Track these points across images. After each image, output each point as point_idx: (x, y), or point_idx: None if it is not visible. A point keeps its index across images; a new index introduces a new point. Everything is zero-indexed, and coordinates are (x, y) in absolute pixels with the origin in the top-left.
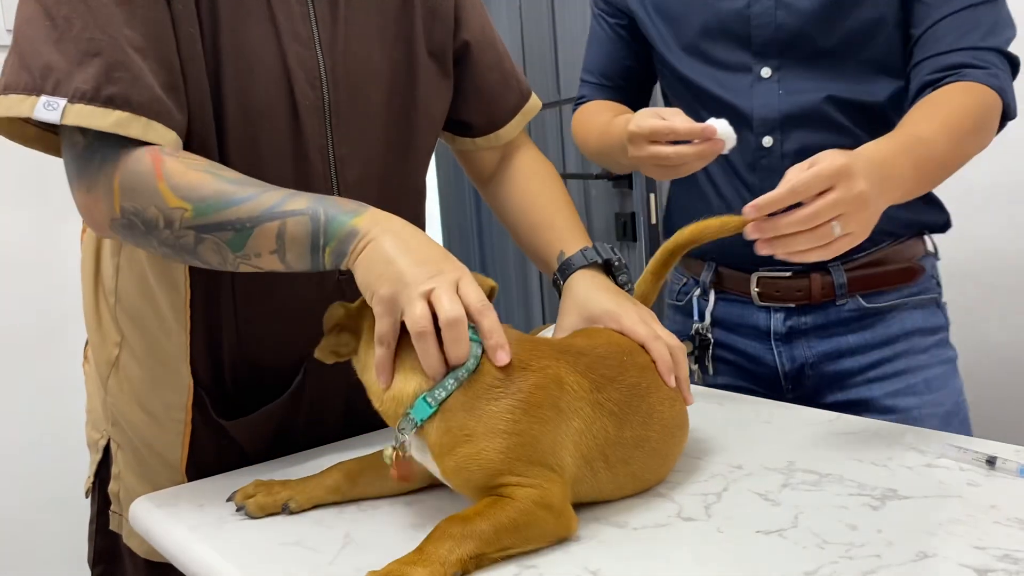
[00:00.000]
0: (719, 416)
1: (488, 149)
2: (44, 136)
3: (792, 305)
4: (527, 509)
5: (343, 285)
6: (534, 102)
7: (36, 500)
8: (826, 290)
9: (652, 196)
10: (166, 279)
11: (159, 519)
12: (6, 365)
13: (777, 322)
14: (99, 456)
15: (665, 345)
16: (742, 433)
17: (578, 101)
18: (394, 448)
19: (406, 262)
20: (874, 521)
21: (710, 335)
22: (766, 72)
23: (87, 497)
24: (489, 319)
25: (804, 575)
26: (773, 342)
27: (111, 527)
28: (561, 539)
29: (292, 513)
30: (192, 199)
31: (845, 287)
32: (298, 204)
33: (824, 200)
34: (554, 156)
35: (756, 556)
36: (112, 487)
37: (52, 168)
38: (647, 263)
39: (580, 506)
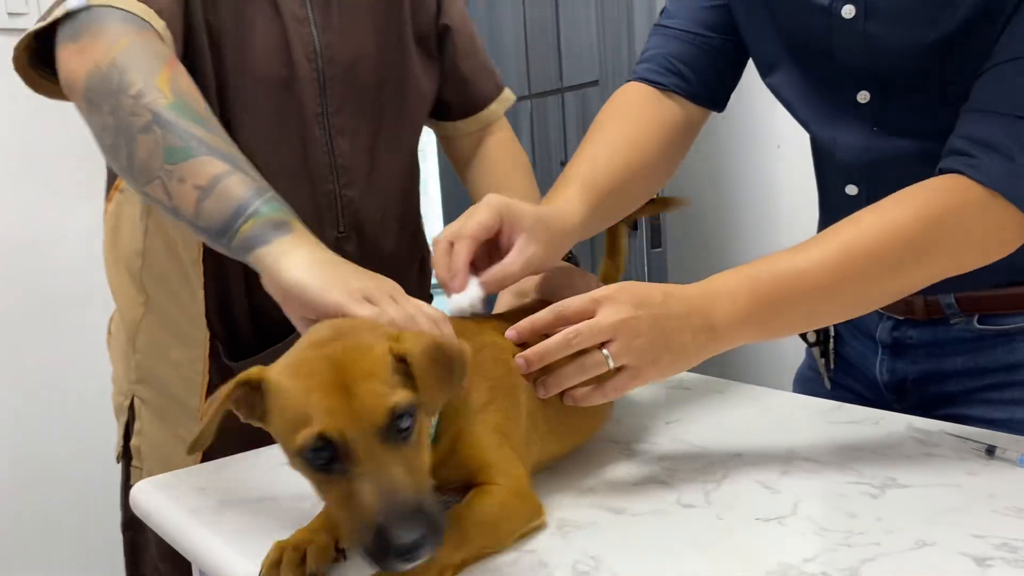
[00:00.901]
0: (718, 404)
1: (468, 135)
2: (49, 87)
3: (900, 317)
4: (506, 502)
5: (340, 242)
6: (508, 94)
7: (28, 487)
8: (931, 308)
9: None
10: (189, 237)
11: (160, 502)
12: None
13: (884, 330)
14: (126, 417)
15: None
16: (742, 421)
17: (640, 59)
18: None
19: (351, 270)
20: (873, 509)
21: (832, 327)
22: (863, 97)
23: (118, 462)
24: (449, 327)
25: (803, 562)
26: (879, 349)
27: (131, 482)
28: (536, 528)
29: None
30: (178, 97)
31: (954, 307)
32: (255, 174)
33: (584, 323)
34: (555, 143)
35: (755, 543)
36: (134, 442)
37: (40, 148)
38: (646, 251)
39: (578, 492)
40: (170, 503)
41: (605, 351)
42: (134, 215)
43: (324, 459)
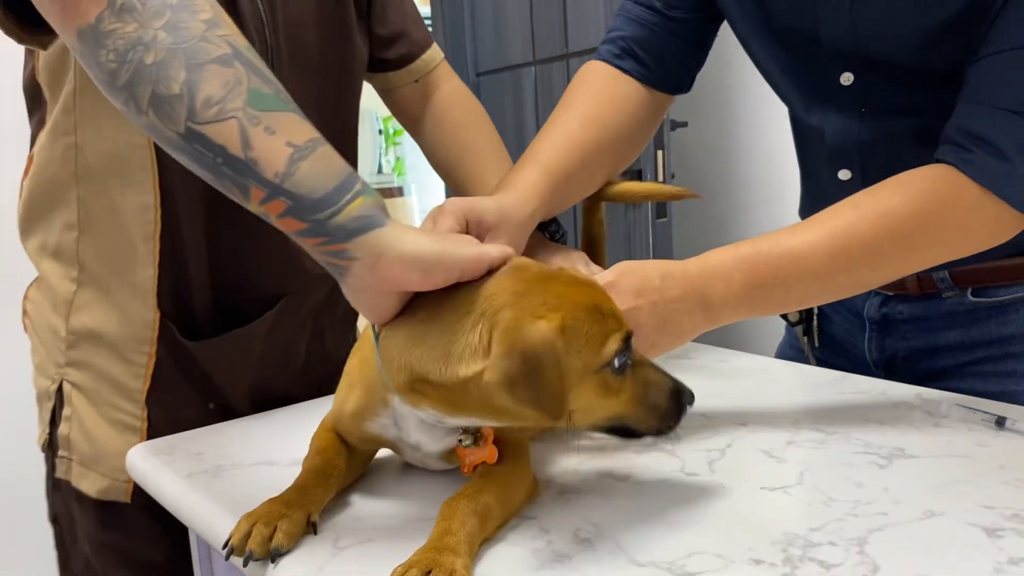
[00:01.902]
0: (724, 374)
1: (407, 86)
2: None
3: (890, 293)
4: (522, 475)
5: None
6: (437, 48)
7: None
8: (924, 283)
9: (660, 152)
10: (138, 208)
11: (155, 466)
12: None
13: (872, 307)
14: (51, 403)
15: None
16: (747, 391)
17: (604, 39)
18: (471, 442)
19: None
20: (881, 479)
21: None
22: (847, 79)
23: (43, 452)
24: None
25: (809, 531)
26: (867, 327)
27: (58, 474)
28: (535, 494)
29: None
30: (249, 46)
31: (947, 281)
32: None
33: None
34: None
35: (760, 512)
36: (62, 430)
37: None
38: (651, 222)
39: (580, 458)
40: (166, 467)
41: None
42: (62, 182)
43: (622, 361)
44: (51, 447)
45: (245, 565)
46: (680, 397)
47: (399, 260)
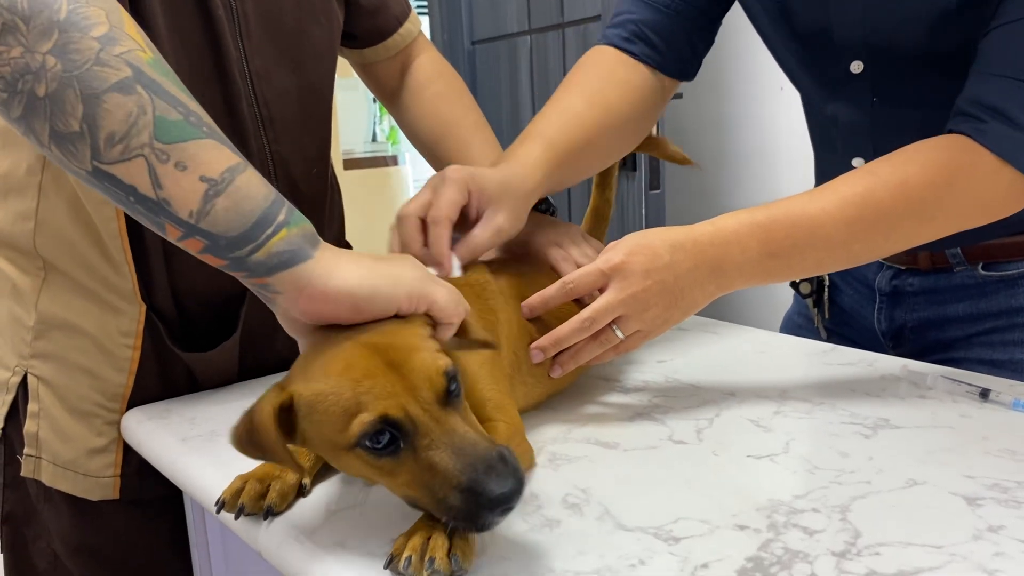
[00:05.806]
0: (713, 345)
1: (383, 61)
2: None
3: (901, 267)
4: (513, 443)
5: None
6: (416, 18)
7: None
8: (936, 259)
9: (655, 125)
10: (99, 203)
11: (150, 430)
12: None
13: (883, 279)
14: (11, 396)
15: (573, 265)
16: (736, 362)
17: (610, 23)
18: None
19: (389, 260)
20: (865, 449)
21: (826, 276)
22: (856, 67)
23: None
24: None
25: (794, 498)
26: (877, 298)
27: (24, 473)
28: (530, 467)
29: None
30: (154, 52)
31: (960, 256)
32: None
33: (596, 304)
34: (555, 81)
35: (746, 479)
36: (29, 427)
37: None
38: (644, 193)
39: (570, 427)
40: (161, 431)
41: (615, 327)
42: (29, 166)
43: (385, 441)
44: (4, 441)
45: (237, 518)
46: (475, 498)
47: (323, 296)
